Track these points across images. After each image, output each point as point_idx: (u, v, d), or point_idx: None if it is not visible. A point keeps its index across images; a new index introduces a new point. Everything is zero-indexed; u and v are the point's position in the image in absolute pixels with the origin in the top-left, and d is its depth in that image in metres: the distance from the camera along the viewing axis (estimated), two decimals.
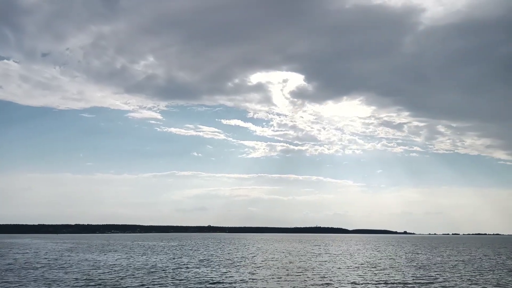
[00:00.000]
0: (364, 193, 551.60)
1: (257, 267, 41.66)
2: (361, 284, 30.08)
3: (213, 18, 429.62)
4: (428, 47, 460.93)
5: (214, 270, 37.79)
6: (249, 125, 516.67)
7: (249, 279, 32.15)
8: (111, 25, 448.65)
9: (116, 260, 50.37)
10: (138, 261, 47.94)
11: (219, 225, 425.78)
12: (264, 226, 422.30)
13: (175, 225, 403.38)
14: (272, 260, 50.37)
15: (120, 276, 33.24)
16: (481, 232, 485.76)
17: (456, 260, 53.47)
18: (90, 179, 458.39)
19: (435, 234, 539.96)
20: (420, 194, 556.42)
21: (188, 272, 36.47)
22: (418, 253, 69.25)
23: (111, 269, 38.60)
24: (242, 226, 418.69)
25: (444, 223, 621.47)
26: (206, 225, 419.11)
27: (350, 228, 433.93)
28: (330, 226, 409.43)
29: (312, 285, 29.25)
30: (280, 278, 32.58)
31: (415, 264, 46.31)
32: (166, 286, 28.59)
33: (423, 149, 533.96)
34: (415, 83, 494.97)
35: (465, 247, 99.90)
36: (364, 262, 49.39)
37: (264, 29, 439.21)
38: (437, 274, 36.09)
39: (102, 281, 30.64)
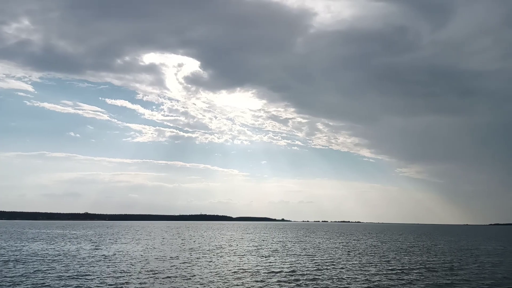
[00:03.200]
0: (248, 182, 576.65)
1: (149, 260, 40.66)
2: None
3: None
4: (317, 49, 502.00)
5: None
6: (137, 107, 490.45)
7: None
8: None
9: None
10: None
11: (97, 212, 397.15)
12: (147, 213, 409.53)
13: (43, 211, 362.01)
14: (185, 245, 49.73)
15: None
16: (345, 220, 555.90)
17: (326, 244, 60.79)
18: None
19: (308, 221, 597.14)
20: (297, 185, 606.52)
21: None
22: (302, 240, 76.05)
23: None
24: (124, 213, 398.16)
25: (316, 211, 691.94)
26: (82, 212, 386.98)
27: (234, 216, 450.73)
28: (215, 214, 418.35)
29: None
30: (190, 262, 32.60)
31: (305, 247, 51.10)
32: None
33: (303, 143, 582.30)
34: (302, 82, 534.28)
35: (333, 233, 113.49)
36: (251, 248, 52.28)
37: (163, 8, 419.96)
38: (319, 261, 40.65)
39: None
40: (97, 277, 24.71)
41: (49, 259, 34.28)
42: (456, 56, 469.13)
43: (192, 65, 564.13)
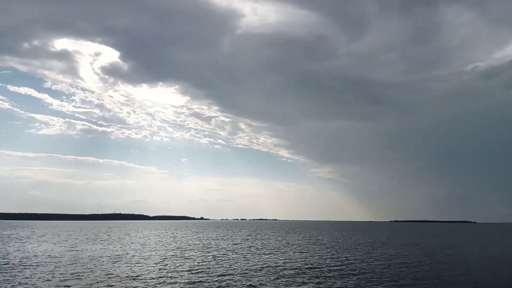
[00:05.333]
0: (167, 180, 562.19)
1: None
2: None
3: None
4: (242, 50, 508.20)
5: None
6: (44, 96, 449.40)
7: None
8: None
9: None
10: None
11: None
12: (52, 212, 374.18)
13: None
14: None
15: None
16: (262, 218, 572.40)
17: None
18: None
19: (227, 219, 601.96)
20: (217, 183, 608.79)
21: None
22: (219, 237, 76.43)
23: None
24: (24, 212, 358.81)
25: (235, 209, 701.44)
26: None
27: (151, 215, 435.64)
28: (131, 213, 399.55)
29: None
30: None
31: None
32: None
33: (225, 142, 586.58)
34: (227, 81, 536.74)
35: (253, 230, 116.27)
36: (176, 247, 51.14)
37: None
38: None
39: None
40: None
41: None
42: (367, 67, 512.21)
43: (111, 55, 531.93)
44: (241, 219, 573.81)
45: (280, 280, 24.49)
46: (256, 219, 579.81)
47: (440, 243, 63.16)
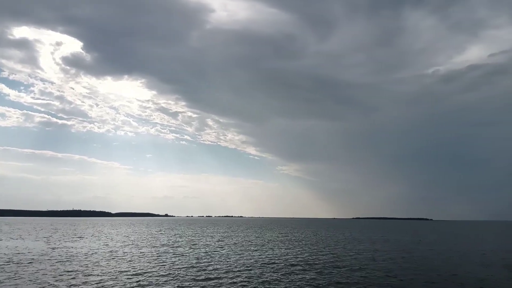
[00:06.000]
0: (130, 176, 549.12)
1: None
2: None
3: None
4: (212, 46, 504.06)
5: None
6: (1, 86, 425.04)
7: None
8: None
9: None
10: None
11: None
12: (7, 208, 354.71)
13: None
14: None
15: None
16: (229, 215, 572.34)
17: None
18: None
19: (192, 216, 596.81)
20: (183, 180, 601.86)
21: None
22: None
23: None
24: None
25: (201, 206, 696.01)
26: None
27: (113, 212, 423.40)
28: (92, 210, 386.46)
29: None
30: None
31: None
32: None
33: (192, 138, 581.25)
34: (195, 76, 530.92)
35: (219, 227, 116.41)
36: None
37: None
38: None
39: None
40: None
41: None
42: (335, 67, 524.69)
43: (73, 45, 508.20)
44: (206, 216, 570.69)
45: (286, 274, 25.36)
46: (222, 216, 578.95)
47: (411, 239, 66.74)
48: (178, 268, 27.85)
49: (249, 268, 28.31)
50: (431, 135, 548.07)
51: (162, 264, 29.83)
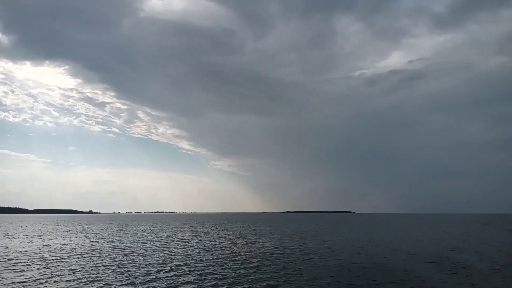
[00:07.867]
0: (49, 170, 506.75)
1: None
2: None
3: None
4: (145, 35, 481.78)
5: None
6: None
7: None
8: None
9: None
10: None
11: None
12: None
13: None
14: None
15: None
16: (159, 210, 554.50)
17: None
18: None
19: (119, 212, 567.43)
20: (109, 174, 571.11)
21: None
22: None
23: None
24: None
25: (129, 202, 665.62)
26: None
27: (30, 208, 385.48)
28: (5, 206, 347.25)
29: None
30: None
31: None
32: None
33: (120, 131, 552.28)
34: (126, 66, 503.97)
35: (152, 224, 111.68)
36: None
37: None
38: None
39: None
40: None
41: None
42: (269, 65, 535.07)
43: None
44: (135, 212, 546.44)
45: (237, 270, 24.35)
46: (152, 212, 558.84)
47: (350, 231, 69.91)
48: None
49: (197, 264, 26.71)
50: (356, 133, 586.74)
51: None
